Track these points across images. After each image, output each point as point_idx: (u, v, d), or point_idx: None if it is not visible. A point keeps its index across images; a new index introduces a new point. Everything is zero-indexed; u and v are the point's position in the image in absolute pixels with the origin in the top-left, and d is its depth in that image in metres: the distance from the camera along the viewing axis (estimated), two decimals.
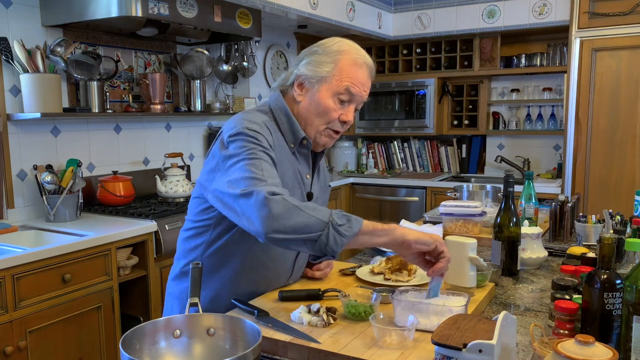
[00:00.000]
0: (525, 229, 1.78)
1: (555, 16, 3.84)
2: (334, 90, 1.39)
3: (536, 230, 1.78)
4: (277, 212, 1.15)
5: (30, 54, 2.52)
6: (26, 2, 2.62)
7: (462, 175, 4.57)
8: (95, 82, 2.77)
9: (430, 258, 1.27)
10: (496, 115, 4.50)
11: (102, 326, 2.34)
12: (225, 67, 3.73)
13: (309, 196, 1.49)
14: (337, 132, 1.44)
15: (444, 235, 2.11)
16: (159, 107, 3.13)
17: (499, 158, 4.34)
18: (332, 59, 1.39)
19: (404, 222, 2.33)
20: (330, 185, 1.72)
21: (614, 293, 1.03)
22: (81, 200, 2.70)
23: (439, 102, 4.50)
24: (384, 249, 1.94)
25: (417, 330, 1.15)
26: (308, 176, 1.49)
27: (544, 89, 4.25)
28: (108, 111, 2.87)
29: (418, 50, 4.54)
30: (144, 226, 2.50)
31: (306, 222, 1.16)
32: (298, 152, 1.46)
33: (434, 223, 2.35)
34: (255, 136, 1.30)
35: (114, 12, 2.49)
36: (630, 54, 3.50)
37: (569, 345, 0.89)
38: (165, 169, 3.13)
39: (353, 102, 1.41)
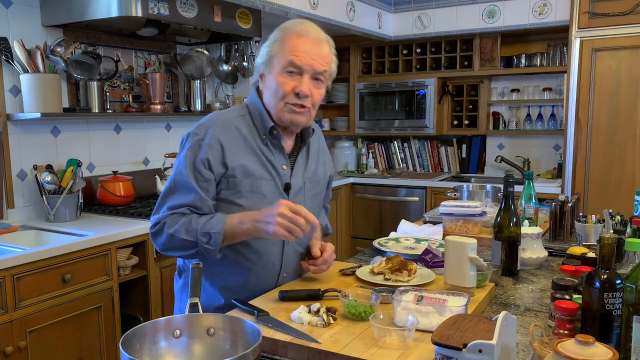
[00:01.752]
0: (525, 229, 1.77)
1: (555, 16, 3.84)
2: (281, 66, 1.43)
3: (536, 230, 1.78)
4: (162, 242, 1.43)
5: (30, 54, 2.52)
6: (26, 2, 2.62)
7: (462, 175, 4.57)
8: (95, 82, 2.77)
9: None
10: (496, 115, 4.50)
11: (102, 326, 2.34)
12: (225, 67, 3.73)
13: (287, 187, 1.50)
14: (301, 107, 1.44)
15: (444, 235, 2.11)
16: (159, 107, 3.13)
17: (499, 158, 4.34)
18: (274, 40, 1.46)
19: (404, 223, 2.33)
20: (331, 176, 1.71)
21: (614, 293, 1.03)
22: (81, 200, 2.70)
23: (439, 102, 4.50)
24: (384, 249, 1.94)
25: (417, 330, 1.15)
26: (285, 167, 1.51)
27: (544, 89, 4.25)
28: (108, 111, 2.87)
29: (418, 50, 4.54)
30: (144, 226, 2.50)
31: (182, 244, 1.39)
32: (271, 143, 1.49)
33: (434, 223, 2.35)
34: (194, 144, 1.43)
35: (114, 12, 2.49)
36: (630, 54, 3.50)
37: (569, 345, 0.89)
38: (166, 169, 3.13)
39: (304, 72, 1.42)
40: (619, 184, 3.59)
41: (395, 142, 4.90)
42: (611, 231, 1.82)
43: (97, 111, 2.79)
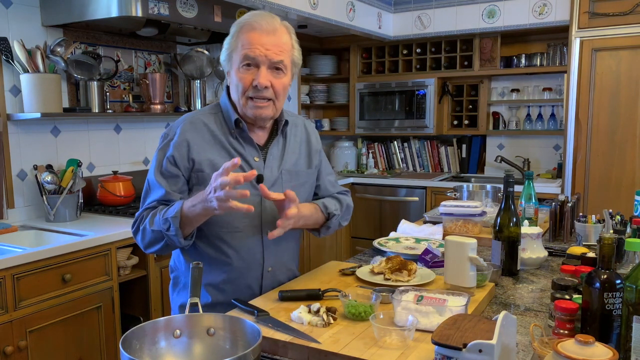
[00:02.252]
0: (525, 229, 1.78)
1: (555, 16, 3.84)
2: (238, 61, 1.44)
3: (536, 230, 1.78)
4: (139, 239, 1.48)
5: (30, 54, 2.52)
6: (26, 2, 2.62)
7: (462, 175, 4.57)
8: (95, 82, 2.77)
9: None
10: (496, 115, 4.50)
11: (102, 326, 2.34)
12: None
13: (259, 179, 1.44)
14: (262, 99, 1.44)
15: (444, 235, 2.11)
16: (159, 107, 3.13)
17: (499, 158, 4.34)
18: (231, 36, 1.47)
19: (404, 223, 2.33)
20: (314, 166, 1.65)
21: (614, 293, 1.03)
22: (81, 200, 2.70)
23: (439, 102, 4.50)
24: (384, 249, 1.94)
25: (417, 330, 1.15)
26: (256, 159, 1.51)
27: (544, 89, 4.25)
28: (108, 111, 2.87)
29: (418, 50, 4.54)
30: None
31: (153, 237, 1.42)
32: (240, 136, 1.51)
33: (434, 223, 2.35)
34: (164, 144, 1.49)
35: (114, 12, 2.49)
36: (630, 54, 3.50)
37: (569, 345, 0.89)
38: None
39: (261, 64, 1.41)
40: (619, 184, 3.59)
41: (395, 142, 4.90)
42: (611, 231, 1.82)
43: (97, 111, 2.79)
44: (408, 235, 2.17)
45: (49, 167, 2.65)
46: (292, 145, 1.60)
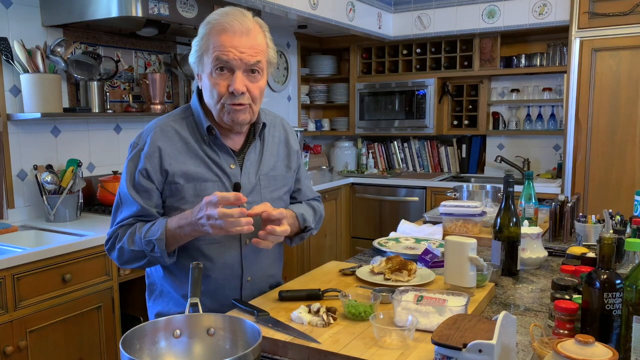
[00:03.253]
0: (525, 229, 1.78)
1: (555, 16, 3.84)
2: (210, 65, 1.35)
3: (536, 230, 1.78)
4: (115, 257, 1.42)
5: (30, 54, 2.52)
6: (26, 2, 2.62)
7: (462, 175, 4.57)
8: (95, 82, 2.77)
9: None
10: (496, 115, 4.50)
11: (102, 326, 2.34)
12: None
13: (236, 187, 1.43)
14: (239, 105, 1.35)
15: (444, 235, 2.11)
16: (159, 107, 3.13)
17: (499, 158, 4.34)
18: (201, 36, 1.37)
19: (403, 223, 2.33)
20: (300, 166, 1.61)
21: (614, 293, 1.03)
22: (81, 200, 2.70)
23: (439, 102, 4.51)
24: (384, 249, 1.94)
25: (417, 330, 1.15)
26: (233, 166, 1.44)
27: (544, 89, 4.25)
28: (108, 111, 2.87)
29: (418, 50, 4.54)
30: None
31: (133, 256, 1.38)
32: (213, 143, 1.43)
33: (434, 223, 2.35)
34: (134, 155, 1.42)
35: (114, 12, 2.49)
36: (630, 54, 3.50)
37: (569, 345, 0.89)
38: None
39: (235, 68, 1.33)
40: (618, 184, 3.59)
41: (395, 142, 4.91)
42: (611, 231, 1.82)
43: (97, 111, 2.79)
44: (408, 235, 2.17)
45: (49, 167, 2.65)
46: (270, 148, 1.53)
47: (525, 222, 1.92)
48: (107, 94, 2.88)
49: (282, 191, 1.55)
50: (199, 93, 1.46)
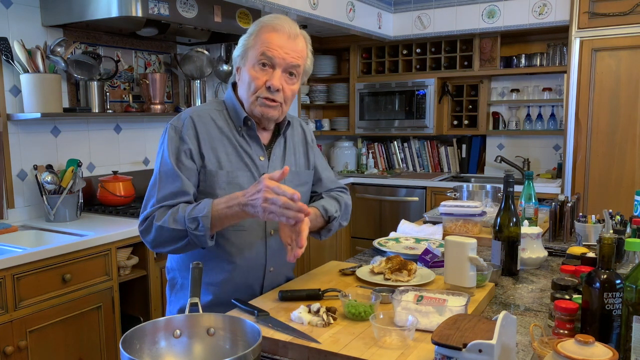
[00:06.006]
0: (525, 229, 1.78)
1: (555, 16, 3.84)
2: (254, 59, 1.43)
3: (536, 230, 1.78)
4: (151, 238, 1.40)
5: (30, 54, 2.52)
6: (26, 2, 2.62)
7: (462, 175, 4.57)
8: (95, 82, 2.77)
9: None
10: (496, 115, 4.50)
11: (102, 326, 2.34)
12: (225, 67, 3.73)
13: None
14: (272, 100, 1.44)
15: (444, 235, 2.11)
16: (159, 107, 3.13)
17: (499, 158, 4.34)
18: (250, 33, 1.46)
19: (403, 223, 2.33)
20: (311, 167, 1.66)
21: (614, 293, 1.04)
22: (81, 200, 2.70)
23: (439, 102, 4.51)
24: (384, 249, 1.94)
25: (417, 330, 1.15)
26: (262, 158, 1.51)
27: (544, 89, 4.25)
28: (108, 111, 2.87)
29: (418, 50, 4.54)
30: None
31: (172, 235, 1.36)
32: (247, 134, 1.51)
33: (434, 223, 2.35)
34: (175, 136, 1.44)
35: (114, 12, 2.49)
36: (630, 54, 3.50)
37: (568, 345, 0.89)
38: None
39: (276, 66, 1.42)
40: (618, 184, 3.59)
41: (395, 142, 4.91)
42: (611, 231, 1.82)
43: (97, 111, 2.79)
44: (408, 235, 2.17)
45: (49, 167, 2.65)
46: (292, 145, 1.61)
47: (525, 222, 1.92)
48: (107, 94, 2.88)
49: (304, 188, 1.62)
50: (234, 86, 1.54)
